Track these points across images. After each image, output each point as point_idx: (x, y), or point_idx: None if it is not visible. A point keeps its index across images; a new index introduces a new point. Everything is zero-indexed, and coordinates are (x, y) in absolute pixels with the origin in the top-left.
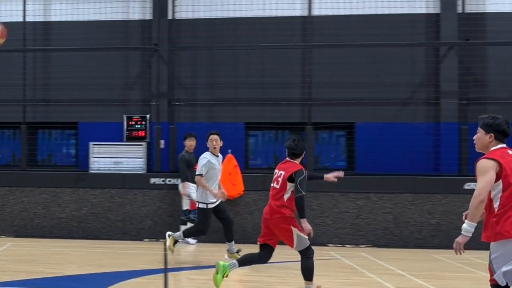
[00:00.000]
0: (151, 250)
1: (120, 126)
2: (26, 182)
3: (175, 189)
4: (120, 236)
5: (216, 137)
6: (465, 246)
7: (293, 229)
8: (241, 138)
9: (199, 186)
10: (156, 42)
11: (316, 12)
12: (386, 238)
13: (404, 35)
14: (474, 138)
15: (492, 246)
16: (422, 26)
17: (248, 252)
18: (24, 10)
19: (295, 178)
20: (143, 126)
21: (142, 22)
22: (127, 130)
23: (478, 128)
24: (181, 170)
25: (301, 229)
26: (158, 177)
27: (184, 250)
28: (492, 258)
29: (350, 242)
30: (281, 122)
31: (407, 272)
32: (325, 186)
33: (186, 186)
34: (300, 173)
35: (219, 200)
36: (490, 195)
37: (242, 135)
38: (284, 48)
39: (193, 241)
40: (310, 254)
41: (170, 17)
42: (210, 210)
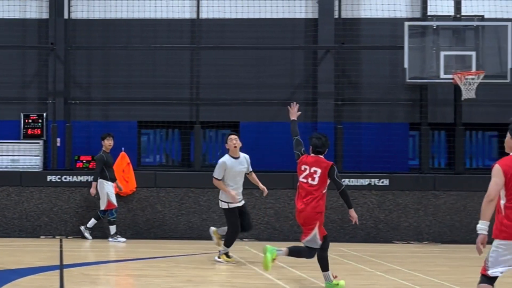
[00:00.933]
0: (48, 247)
1: (17, 124)
2: None
3: (72, 186)
4: (17, 233)
5: (235, 136)
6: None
7: (316, 226)
8: (133, 136)
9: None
10: (52, 41)
11: (204, 15)
12: (268, 232)
13: (285, 39)
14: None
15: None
16: (301, 30)
17: None
18: None
19: (332, 174)
20: (40, 124)
21: (39, 21)
22: (24, 128)
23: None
24: (96, 170)
25: (322, 229)
26: (55, 174)
27: (83, 246)
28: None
29: None
30: (171, 121)
31: (287, 264)
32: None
33: (95, 185)
34: (334, 168)
35: (243, 201)
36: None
37: (135, 134)
38: (174, 49)
39: (122, 239)
40: (326, 246)
41: (66, 16)
42: (233, 209)
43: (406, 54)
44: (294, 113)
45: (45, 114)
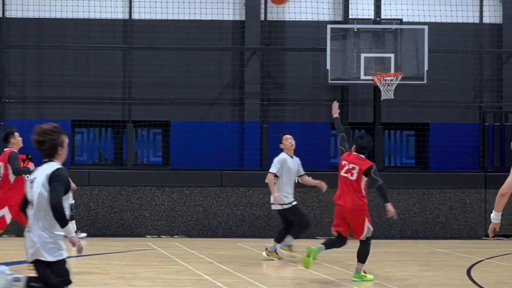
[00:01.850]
0: None
1: None
2: None
3: None
4: None
5: (290, 136)
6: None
7: (366, 220)
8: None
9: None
10: None
11: (136, 16)
12: (197, 228)
13: (213, 40)
14: None
15: None
16: (229, 32)
17: None
18: None
19: (369, 172)
20: None
21: None
22: None
23: None
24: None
25: (370, 220)
26: None
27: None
28: None
29: (165, 233)
30: (104, 120)
31: (216, 260)
32: (143, 181)
33: None
34: (371, 167)
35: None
36: None
37: (69, 132)
38: (107, 49)
39: (83, 234)
40: (370, 241)
41: (0, 15)
42: (295, 205)
43: (328, 56)
44: (335, 110)
45: None
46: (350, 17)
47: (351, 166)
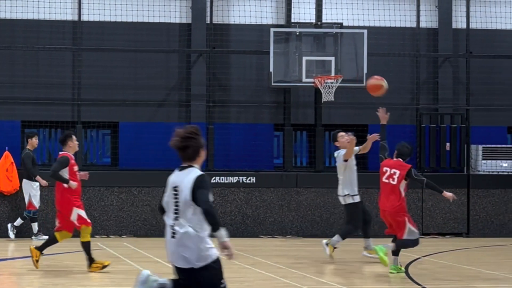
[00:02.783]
0: None
1: None
2: None
3: None
4: None
5: (344, 133)
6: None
7: (406, 220)
8: (17, 136)
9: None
10: None
11: (85, 17)
12: (145, 228)
13: (161, 42)
14: None
15: None
16: (176, 34)
17: None
18: None
19: (410, 174)
20: None
21: None
22: None
23: None
24: (27, 166)
25: (412, 221)
26: None
27: None
28: None
29: (114, 233)
30: (54, 121)
31: (163, 259)
32: (91, 181)
33: (41, 179)
34: (411, 170)
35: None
36: None
37: (19, 133)
38: (56, 50)
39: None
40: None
41: None
42: (360, 203)
43: (271, 59)
44: (382, 117)
45: None
46: (293, 21)
47: (393, 171)
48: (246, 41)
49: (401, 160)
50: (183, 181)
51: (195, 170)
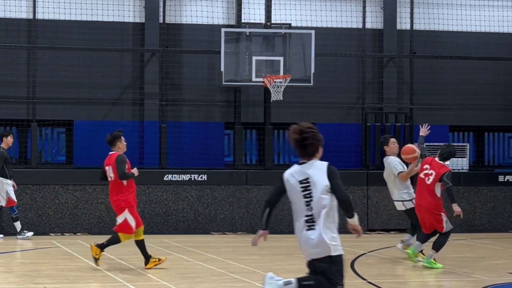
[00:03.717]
0: None
1: None
2: None
3: None
4: None
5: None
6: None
7: (442, 215)
8: None
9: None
10: None
11: (40, 16)
12: (100, 226)
13: (115, 41)
14: None
15: None
16: (129, 34)
17: None
18: None
19: (443, 176)
20: None
21: None
22: None
23: None
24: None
25: (446, 215)
26: None
27: None
28: None
29: (69, 230)
30: (9, 119)
31: (116, 256)
32: (46, 180)
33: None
34: (446, 172)
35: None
36: None
37: None
38: (11, 48)
39: (30, 233)
40: (449, 235)
41: None
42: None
43: (222, 59)
44: (423, 131)
45: None
46: (243, 21)
47: (430, 171)
48: (198, 40)
49: (443, 163)
50: (314, 173)
51: (319, 162)
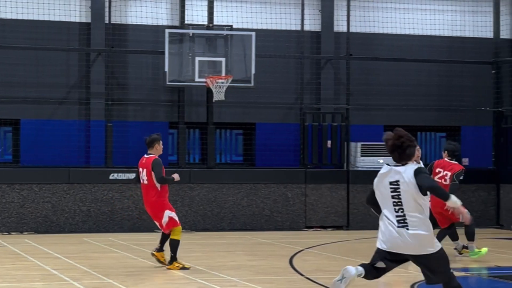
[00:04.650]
0: None
1: None
2: None
3: None
4: None
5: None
6: None
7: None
8: None
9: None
10: None
11: None
12: (46, 225)
13: (61, 41)
14: None
15: None
16: (76, 33)
17: None
18: None
19: (454, 176)
20: None
21: None
22: None
23: None
24: None
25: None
26: None
27: None
28: None
29: (15, 229)
30: None
31: (62, 254)
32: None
33: None
34: (459, 170)
35: None
36: None
37: None
38: None
39: None
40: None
41: None
42: None
43: (167, 59)
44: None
45: None
46: (186, 22)
47: (445, 173)
48: (143, 41)
49: (454, 162)
50: (403, 175)
51: (412, 165)
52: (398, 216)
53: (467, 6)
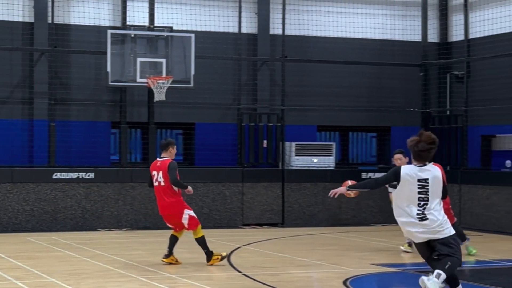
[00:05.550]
0: None
1: None
2: None
3: None
4: None
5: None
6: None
7: (452, 213)
8: None
9: None
10: None
11: None
12: None
13: (4, 40)
14: None
15: None
16: (19, 33)
17: None
18: None
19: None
20: None
21: None
22: None
23: None
24: None
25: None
26: None
27: None
28: None
29: None
30: None
31: (6, 254)
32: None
33: None
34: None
35: None
36: None
37: None
38: None
39: None
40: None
41: None
42: None
43: (109, 59)
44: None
45: None
46: (128, 23)
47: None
48: (85, 41)
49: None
50: (433, 175)
51: (434, 166)
52: (423, 211)
53: (397, 10)
